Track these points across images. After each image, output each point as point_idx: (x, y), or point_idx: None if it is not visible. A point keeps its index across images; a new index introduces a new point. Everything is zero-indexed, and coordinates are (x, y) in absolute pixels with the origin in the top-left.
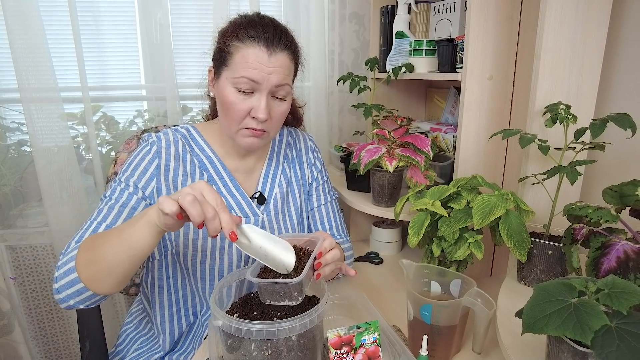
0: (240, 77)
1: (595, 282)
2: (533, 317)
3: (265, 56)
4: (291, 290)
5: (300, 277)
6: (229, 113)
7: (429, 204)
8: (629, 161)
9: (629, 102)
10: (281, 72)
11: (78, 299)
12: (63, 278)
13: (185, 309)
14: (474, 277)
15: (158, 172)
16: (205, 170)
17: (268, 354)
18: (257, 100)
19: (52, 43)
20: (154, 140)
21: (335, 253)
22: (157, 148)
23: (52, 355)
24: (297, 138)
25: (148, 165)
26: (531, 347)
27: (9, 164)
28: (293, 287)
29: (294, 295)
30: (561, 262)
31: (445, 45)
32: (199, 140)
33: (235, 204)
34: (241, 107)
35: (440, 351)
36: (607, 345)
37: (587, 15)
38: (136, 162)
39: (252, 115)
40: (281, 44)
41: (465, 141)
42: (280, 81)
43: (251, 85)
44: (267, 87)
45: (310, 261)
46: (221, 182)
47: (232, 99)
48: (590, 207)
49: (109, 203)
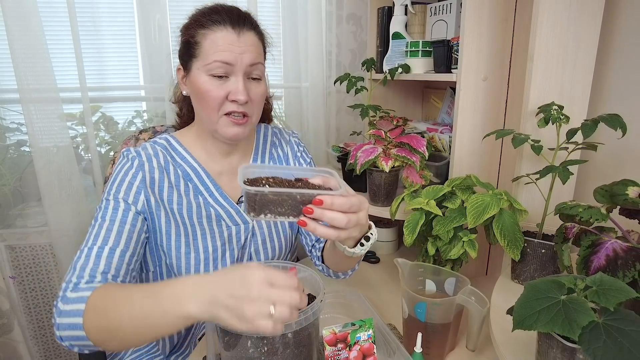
0: (213, 62)
1: (584, 279)
2: (523, 314)
3: (234, 36)
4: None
5: (254, 189)
6: (206, 102)
7: (423, 204)
8: (622, 160)
9: (622, 101)
10: (253, 50)
11: (80, 344)
12: (67, 329)
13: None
14: (469, 276)
15: (144, 184)
16: (189, 180)
17: (264, 351)
18: (234, 84)
19: (51, 44)
20: (133, 155)
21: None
22: (138, 162)
23: (51, 354)
24: (282, 137)
25: (133, 179)
26: (523, 344)
27: (9, 164)
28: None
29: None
30: (554, 260)
31: (441, 46)
32: (180, 150)
33: (223, 212)
34: (218, 93)
35: (434, 348)
36: (594, 341)
37: (579, 17)
38: (120, 177)
39: (232, 99)
40: (247, 24)
41: (460, 141)
42: (253, 60)
43: (225, 68)
44: (242, 67)
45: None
46: (207, 192)
47: (208, 87)
48: (580, 207)
49: (105, 225)
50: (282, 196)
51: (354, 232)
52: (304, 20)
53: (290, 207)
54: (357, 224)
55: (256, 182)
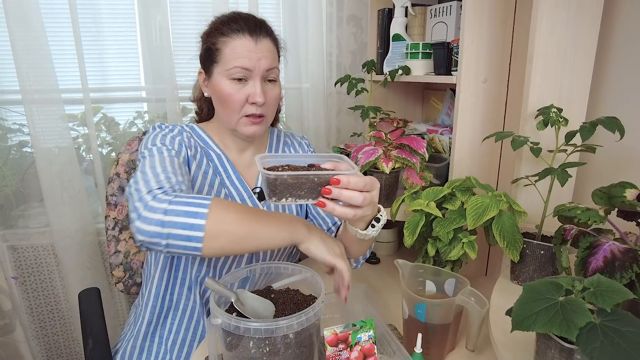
0: (233, 68)
1: (581, 281)
2: (521, 315)
3: (252, 44)
4: (267, 182)
5: (273, 174)
6: (228, 105)
7: (423, 205)
8: (621, 163)
9: (621, 104)
10: (269, 56)
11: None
12: (179, 215)
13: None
14: (469, 276)
15: (183, 145)
16: (211, 161)
17: (266, 352)
18: (252, 87)
19: (53, 45)
20: (167, 125)
21: (365, 197)
22: (179, 129)
23: (53, 354)
24: (294, 139)
25: (175, 137)
26: (522, 345)
27: (11, 165)
28: (269, 180)
29: (269, 190)
30: (553, 261)
31: (441, 48)
32: (203, 135)
33: (237, 194)
34: (238, 96)
35: (434, 349)
36: (591, 342)
37: (578, 19)
38: (162, 134)
39: (251, 101)
40: (263, 32)
41: (460, 143)
42: (269, 65)
43: (244, 73)
44: (259, 72)
45: (318, 173)
46: (225, 174)
47: (229, 90)
48: (579, 208)
49: (154, 157)
50: (301, 179)
51: (368, 211)
52: (304, 22)
53: (308, 190)
54: (372, 202)
55: (274, 169)
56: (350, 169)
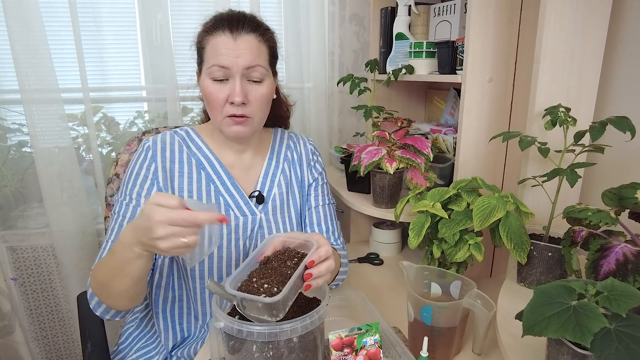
0: (212, 66)
1: (594, 284)
2: (533, 320)
3: (231, 41)
4: (271, 307)
5: (279, 296)
6: (210, 104)
7: (429, 206)
8: (629, 163)
9: (629, 104)
10: (249, 53)
11: (109, 315)
12: (92, 299)
13: (188, 308)
14: (473, 278)
15: (156, 175)
16: (202, 169)
17: (269, 356)
18: (232, 86)
19: (52, 44)
20: (149, 145)
21: (329, 264)
22: (152, 153)
23: (52, 356)
24: (298, 142)
25: (147, 172)
26: (531, 349)
27: (10, 165)
28: (273, 304)
29: (272, 312)
30: (560, 264)
31: (445, 47)
32: (197, 140)
33: (232, 202)
34: (219, 95)
35: (440, 352)
36: (606, 348)
37: (586, 18)
38: (136, 171)
39: (230, 101)
40: (246, 27)
41: (466, 143)
42: (249, 62)
43: (223, 72)
44: (238, 70)
45: (299, 271)
46: (219, 180)
47: (211, 90)
48: (589, 210)
49: (118, 220)
50: (290, 288)
51: (334, 267)
52: (306, 21)
53: (296, 287)
54: (332, 258)
55: (249, 286)
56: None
